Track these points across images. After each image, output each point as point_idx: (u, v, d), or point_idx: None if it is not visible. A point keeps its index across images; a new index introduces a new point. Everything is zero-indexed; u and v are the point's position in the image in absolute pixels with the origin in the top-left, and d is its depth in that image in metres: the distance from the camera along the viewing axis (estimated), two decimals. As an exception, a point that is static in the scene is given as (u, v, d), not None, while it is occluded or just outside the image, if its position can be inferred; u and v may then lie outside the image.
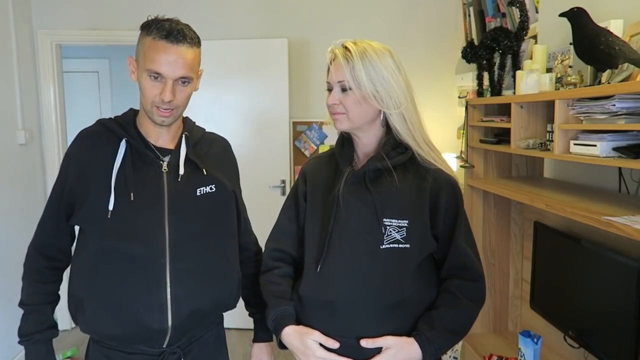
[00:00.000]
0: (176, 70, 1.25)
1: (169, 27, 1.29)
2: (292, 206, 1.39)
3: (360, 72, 1.23)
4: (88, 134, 1.40)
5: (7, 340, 3.11)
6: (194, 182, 1.35)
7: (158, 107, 1.28)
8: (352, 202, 1.26)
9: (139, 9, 3.65)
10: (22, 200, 3.35)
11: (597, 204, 1.72)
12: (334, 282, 1.24)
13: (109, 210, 1.27)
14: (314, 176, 1.37)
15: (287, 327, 1.26)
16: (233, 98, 3.60)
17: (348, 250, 1.24)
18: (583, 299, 1.92)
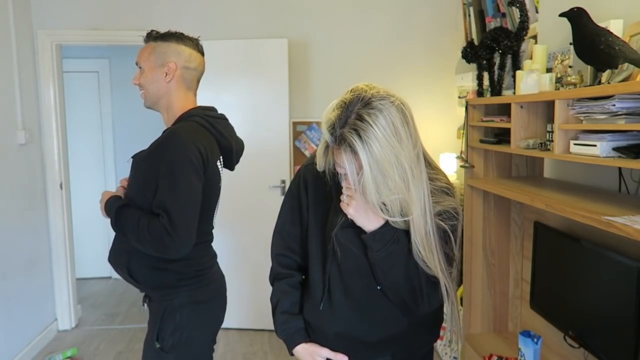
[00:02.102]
0: (138, 55, 1.69)
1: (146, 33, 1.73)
2: (295, 210, 1.40)
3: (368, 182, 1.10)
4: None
5: (7, 340, 3.11)
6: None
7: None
8: (347, 247, 1.26)
9: (139, 9, 3.65)
10: (22, 200, 3.35)
11: (597, 204, 1.72)
12: (337, 316, 1.31)
13: None
14: (316, 188, 1.34)
15: (299, 346, 1.35)
16: (233, 98, 3.59)
17: (347, 289, 1.30)
18: (583, 299, 1.92)
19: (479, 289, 2.63)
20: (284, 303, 1.39)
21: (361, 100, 1.11)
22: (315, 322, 1.36)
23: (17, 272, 3.26)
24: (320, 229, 1.33)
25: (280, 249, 1.41)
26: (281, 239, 1.42)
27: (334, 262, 1.29)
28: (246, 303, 3.66)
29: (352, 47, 3.79)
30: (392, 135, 1.11)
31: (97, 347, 3.52)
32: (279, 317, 1.39)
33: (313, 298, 1.35)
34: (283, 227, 1.42)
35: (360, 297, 1.29)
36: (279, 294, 1.40)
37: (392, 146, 1.10)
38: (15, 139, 3.30)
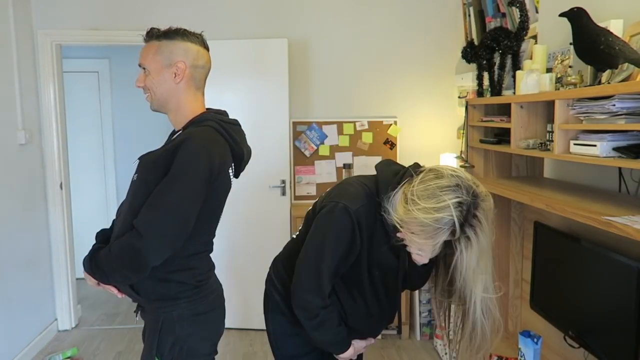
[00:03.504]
0: (139, 60, 1.59)
1: (146, 31, 1.61)
2: (342, 250, 1.47)
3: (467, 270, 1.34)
4: None
5: (7, 340, 3.11)
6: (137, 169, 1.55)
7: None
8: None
9: (139, 9, 3.65)
10: (22, 200, 3.35)
11: (597, 204, 1.72)
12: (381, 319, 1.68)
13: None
14: (368, 229, 1.47)
15: (350, 348, 1.61)
16: (233, 98, 3.59)
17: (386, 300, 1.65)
18: (583, 299, 1.92)
19: (479, 289, 2.63)
20: (335, 320, 1.55)
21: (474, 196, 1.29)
22: (364, 327, 1.64)
23: (17, 272, 3.26)
24: (365, 261, 1.51)
25: (329, 287, 1.51)
26: (329, 279, 1.49)
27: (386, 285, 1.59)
28: (246, 303, 3.65)
29: (352, 47, 3.79)
30: (489, 231, 1.33)
31: (97, 347, 3.52)
32: (335, 330, 1.55)
33: (368, 313, 1.61)
34: (331, 267, 1.47)
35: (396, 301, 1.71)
36: (331, 314, 1.54)
37: (487, 239, 1.32)
38: (15, 139, 3.30)
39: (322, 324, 1.53)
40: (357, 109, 3.80)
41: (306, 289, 1.49)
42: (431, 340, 3.49)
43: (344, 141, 3.82)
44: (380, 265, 1.53)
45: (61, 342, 3.61)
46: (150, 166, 1.47)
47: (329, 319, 1.53)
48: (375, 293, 1.58)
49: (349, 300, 1.59)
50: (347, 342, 1.60)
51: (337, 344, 1.59)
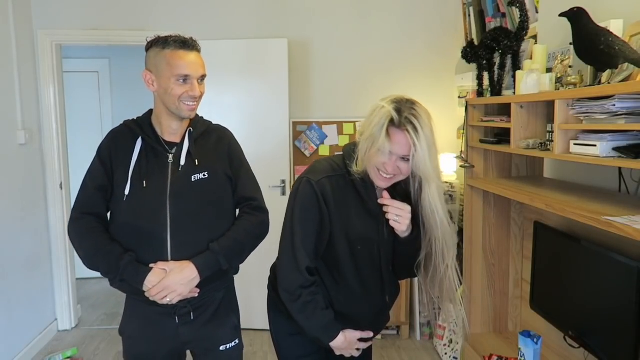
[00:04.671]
0: (198, 70, 1.59)
1: (182, 39, 1.58)
2: (314, 223, 1.51)
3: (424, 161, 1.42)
4: (115, 132, 1.69)
5: (7, 340, 3.11)
6: (190, 171, 1.63)
7: (184, 103, 1.58)
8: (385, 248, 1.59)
9: (139, 9, 3.65)
10: (22, 200, 3.35)
11: (597, 204, 1.72)
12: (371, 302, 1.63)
13: (125, 195, 1.58)
14: (334, 200, 1.51)
15: (340, 335, 1.57)
16: (233, 98, 3.59)
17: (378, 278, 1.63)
18: (583, 299, 1.92)
19: (479, 289, 2.63)
20: (320, 302, 1.54)
21: (408, 100, 1.46)
22: (352, 312, 1.60)
23: (17, 272, 3.26)
24: (344, 234, 1.52)
25: (308, 261, 1.52)
26: (305, 251, 1.51)
27: (368, 261, 1.56)
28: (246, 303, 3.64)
29: (352, 47, 3.79)
30: (431, 127, 1.45)
31: (97, 347, 3.52)
32: (321, 313, 1.54)
33: (352, 294, 1.58)
34: (305, 241, 1.51)
35: (391, 284, 1.65)
36: (314, 296, 1.54)
37: (432, 134, 1.44)
38: (15, 139, 3.30)
39: (305, 306, 1.52)
40: (357, 109, 3.79)
41: (285, 268, 1.54)
42: (431, 340, 3.49)
43: (344, 141, 3.82)
44: (361, 238, 1.53)
45: (61, 342, 3.61)
46: (216, 161, 1.68)
47: (313, 301, 1.52)
48: (357, 271, 1.56)
49: (332, 283, 1.58)
50: (335, 328, 1.56)
51: (324, 330, 1.55)
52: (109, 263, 1.55)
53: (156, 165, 1.63)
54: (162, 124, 1.65)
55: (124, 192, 1.59)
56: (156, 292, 1.54)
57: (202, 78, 1.62)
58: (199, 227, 1.61)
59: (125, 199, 1.58)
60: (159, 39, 1.59)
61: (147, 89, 1.63)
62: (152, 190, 1.59)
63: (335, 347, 1.59)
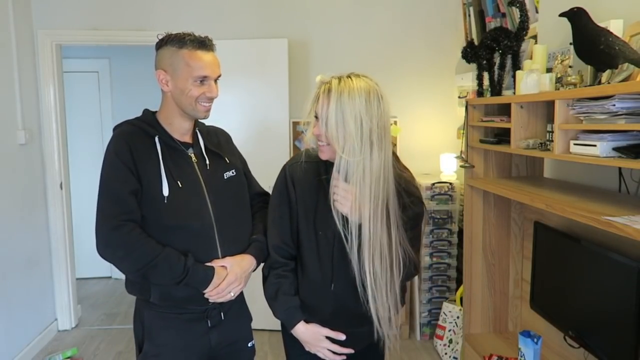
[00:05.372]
0: (215, 70, 1.58)
1: (199, 38, 1.54)
2: (284, 205, 1.56)
3: (329, 123, 1.40)
4: (126, 133, 1.57)
5: (7, 340, 3.11)
6: (220, 169, 1.65)
7: (201, 104, 1.56)
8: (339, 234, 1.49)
9: (139, 9, 3.65)
10: (22, 200, 3.35)
11: (597, 204, 1.72)
12: (336, 295, 1.53)
13: (165, 196, 1.51)
14: (302, 184, 1.55)
15: (300, 324, 1.54)
16: (233, 98, 3.59)
17: (341, 270, 1.51)
18: (583, 299, 1.92)
19: (479, 289, 2.64)
20: (284, 286, 1.55)
21: (356, 73, 1.45)
22: (314, 302, 1.55)
23: (17, 272, 3.26)
24: (311, 219, 1.52)
25: (277, 240, 1.58)
26: (276, 231, 1.58)
27: (329, 248, 1.51)
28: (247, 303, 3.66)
29: (352, 47, 3.79)
30: (363, 99, 1.39)
31: (97, 347, 3.52)
32: (281, 298, 1.54)
33: (312, 282, 1.54)
34: (275, 221, 1.59)
35: (347, 276, 1.49)
36: (279, 279, 1.57)
37: (358, 104, 1.38)
38: (15, 139, 3.30)
39: (269, 287, 1.57)
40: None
41: (270, 244, 1.62)
42: (431, 340, 3.49)
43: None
44: (322, 224, 1.50)
45: (61, 342, 3.61)
46: (236, 159, 1.74)
47: (276, 284, 1.56)
48: (318, 258, 1.52)
49: (299, 270, 1.58)
50: (297, 315, 1.54)
51: (285, 315, 1.55)
52: (174, 268, 1.47)
53: (182, 164, 1.58)
54: (173, 124, 1.60)
55: (161, 193, 1.51)
56: (224, 287, 1.54)
57: (218, 78, 1.61)
58: (238, 222, 1.65)
59: (166, 201, 1.51)
60: (174, 37, 1.53)
61: (161, 87, 1.57)
62: (190, 190, 1.56)
63: (300, 338, 1.57)
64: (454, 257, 3.46)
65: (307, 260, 1.55)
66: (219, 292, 1.54)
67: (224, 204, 1.61)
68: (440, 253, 3.46)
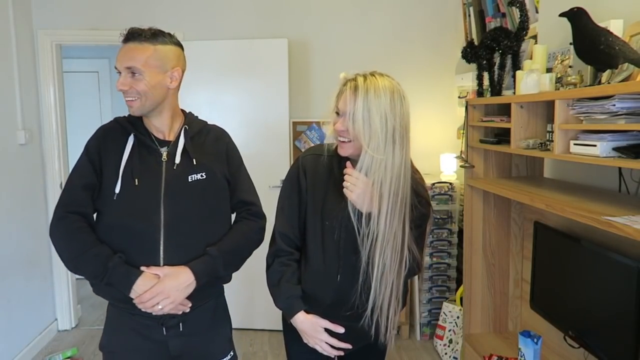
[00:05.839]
0: (123, 62, 1.46)
1: (130, 31, 1.49)
2: (294, 193, 1.57)
3: (356, 119, 1.40)
4: (105, 129, 1.59)
5: (7, 340, 3.11)
6: (187, 170, 1.55)
7: (124, 97, 1.50)
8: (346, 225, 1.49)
9: (139, 9, 3.65)
10: (22, 200, 3.35)
11: (597, 204, 1.72)
12: (335, 286, 1.53)
13: (115, 193, 1.48)
14: (314, 174, 1.56)
15: (300, 314, 1.53)
16: (233, 98, 3.59)
17: (342, 261, 1.53)
18: (583, 299, 1.92)
19: (479, 289, 2.64)
20: (287, 274, 1.55)
21: (379, 72, 1.48)
22: (315, 292, 1.55)
23: (17, 272, 3.26)
24: (319, 210, 1.53)
25: (284, 228, 1.58)
26: (284, 219, 1.58)
27: (333, 238, 1.51)
28: (246, 303, 3.66)
29: (352, 47, 3.79)
30: (388, 99, 1.42)
31: (97, 347, 3.51)
32: (284, 286, 1.54)
33: (315, 272, 1.54)
34: (283, 209, 1.59)
35: (352, 268, 1.50)
36: (282, 267, 1.57)
37: (384, 103, 1.41)
38: (15, 139, 3.30)
39: (273, 275, 1.56)
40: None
41: (271, 241, 1.63)
42: (431, 340, 3.49)
43: (344, 141, 3.82)
44: (330, 214, 1.51)
45: (61, 342, 3.61)
46: (214, 161, 1.61)
47: (279, 271, 1.56)
48: (322, 247, 1.52)
49: (303, 260, 1.59)
50: (298, 305, 1.53)
51: (286, 303, 1.54)
52: (96, 264, 1.43)
53: (149, 163, 1.52)
54: (149, 122, 1.57)
55: (113, 190, 1.48)
56: (148, 297, 1.42)
57: (133, 72, 1.45)
58: (195, 229, 1.52)
59: (116, 197, 1.48)
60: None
61: None
62: (145, 189, 1.49)
63: (298, 329, 1.55)
64: (454, 257, 3.46)
65: (311, 250, 1.55)
66: (142, 300, 1.43)
67: (180, 208, 1.51)
68: (440, 253, 3.46)
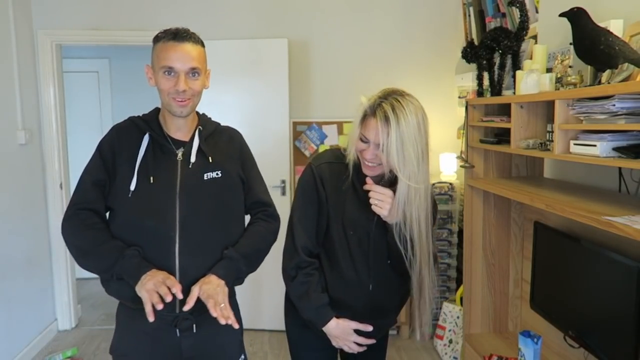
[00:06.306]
0: (185, 63, 1.48)
1: (174, 30, 1.50)
2: (313, 204, 1.59)
3: (390, 152, 1.42)
4: (120, 127, 1.60)
5: (7, 340, 3.11)
6: (202, 169, 1.55)
7: (174, 99, 1.49)
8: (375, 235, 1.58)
9: (139, 9, 3.65)
10: (22, 200, 3.35)
11: (597, 204, 1.72)
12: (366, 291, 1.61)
13: (131, 191, 1.48)
14: (332, 184, 1.59)
15: (332, 321, 1.58)
16: (233, 98, 3.59)
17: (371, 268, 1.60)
18: (583, 299, 1.92)
19: (479, 289, 2.63)
20: (313, 284, 1.58)
21: (399, 92, 1.47)
22: (345, 298, 1.60)
23: (17, 272, 3.26)
24: (340, 219, 1.57)
25: (305, 240, 1.59)
26: (302, 230, 1.59)
27: (358, 247, 1.57)
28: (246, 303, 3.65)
29: (352, 47, 3.79)
30: (415, 122, 1.43)
31: (97, 347, 3.52)
32: (313, 296, 1.57)
33: (346, 280, 1.59)
34: (301, 221, 1.60)
35: (379, 273, 1.60)
36: (307, 277, 1.59)
37: (413, 129, 1.43)
38: (15, 139, 3.30)
39: (300, 286, 1.57)
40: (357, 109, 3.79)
41: (286, 249, 1.62)
42: (431, 340, 3.49)
43: (344, 141, 3.80)
44: (353, 224, 1.57)
45: (61, 342, 3.61)
46: (228, 160, 1.62)
47: (307, 283, 1.57)
48: (350, 256, 1.58)
49: (328, 267, 1.61)
50: (329, 312, 1.57)
51: (317, 313, 1.57)
52: (110, 256, 1.43)
53: (164, 162, 1.53)
54: (167, 122, 1.57)
55: (128, 188, 1.48)
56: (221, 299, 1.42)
57: (193, 72, 1.49)
58: (210, 228, 1.52)
59: (131, 195, 1.48)
60: (158, 33, 1.52)
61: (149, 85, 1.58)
62: (160, 187, 1.49)
63: (330, 334, 1.59)
64: (454, 257, 3.47)
65: (339, 259, 1.58)
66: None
67: (195, 206, 1.51)
68: (440, 253, 3.46)
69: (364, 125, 1.48)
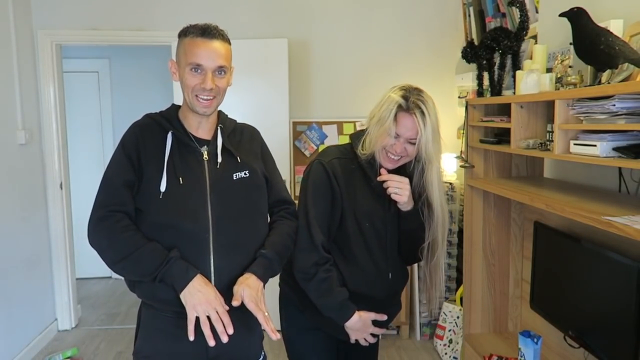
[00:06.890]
0: (214, 61, 1.46)
1: (203, 26, 1.47)
2: (327, 200, 1.61)
3: (428, 143, 1.57)
4: (140, 125, 1.54)
5: (7, 340, 3.11)
6: (231, 169, 1.53)
7: (198, 97, 1.48)
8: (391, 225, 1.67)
9: (139, 9, 3.65)
10: (22, 200, 3.35)
11: (597, 204, 1.72)
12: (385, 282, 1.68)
13: (161, 192, 1.44)
14: (344, 179, 1.62)
15: (355, 314, 1.60)
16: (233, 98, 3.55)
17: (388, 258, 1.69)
18: (583, 299, 1.92)
19: (479, 289, 2.63)
20: (335, 280, 1.59)
21: (414, 87, 1.60)
22: (364, 291, 1.63)
23: (17, 272, 3.26)
24: (352, 212, 1.61)
25: (321, 237, 1.59)
26: (319, 227, 1.59)
27: (373, 239, 1.63)
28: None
29: (352, 47, 3.79)
30: (435, 112, 1.59)
31: (97, 347, 3.52)
32: (336, 291, 1.59)
33: (364, 272, 1.63)
34: (317, 217, 1.60)
35: (395, 261, 1.70)
36: (328, 274, 1.59)
37: (436, 119, 1.59)
38: (15, 139, 3.30)
39: (321, 284, 1.57)
40: (357, 109, 3.79)
41: (300, 246, 1.60)
42: (431, 340, 3.49)
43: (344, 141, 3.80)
44: (368, 215, 1.62)
45: (61, 342, 3.61)
46: (253, 159, 1.61)
47: (328, 279, 1.58)
48: (366, 248, 1.63)
49: (343, 262, 1.63)
50: (351, 307, 1.60)
51: (340, 309, 1.59)
52: (153, 259, 1.38)
53: (190, 161, 1.50)
54: (187, 119, 1.54)
55: (159, 188, 1.44)
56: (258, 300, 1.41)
57: (220, 71, 1.48)
58: (241, 228, 1.50)
59: (162, 196, 1.43)
60: (187, 27, 1.49)
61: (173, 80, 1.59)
62: (191, 188, 1.46)
63: (351, 328, 1.61)
64: (454, 257, 3.46)
65: (355, 252, 1.62)
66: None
67: (228, 207, 1.49)
68: (440, 253, 3.45)
69: (397, 122, 1.54)
